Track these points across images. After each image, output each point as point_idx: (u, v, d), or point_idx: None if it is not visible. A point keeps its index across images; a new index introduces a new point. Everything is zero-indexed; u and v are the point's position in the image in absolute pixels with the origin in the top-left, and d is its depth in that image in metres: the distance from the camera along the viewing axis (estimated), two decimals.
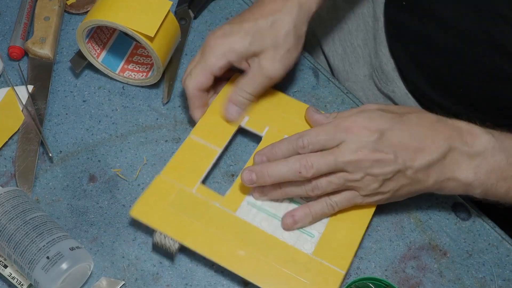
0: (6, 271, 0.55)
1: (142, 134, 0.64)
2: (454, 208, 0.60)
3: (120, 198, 0.60)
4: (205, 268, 0.56)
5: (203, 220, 0.55)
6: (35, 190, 0.60)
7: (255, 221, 0.56)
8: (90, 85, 0.68)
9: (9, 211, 0.53)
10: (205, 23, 0.73)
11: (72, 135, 0.64)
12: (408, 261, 0.57)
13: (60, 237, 0.53)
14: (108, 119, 0.65)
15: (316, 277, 0.53)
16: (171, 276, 0.56)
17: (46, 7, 0.70)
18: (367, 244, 0.58)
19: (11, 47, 0.68)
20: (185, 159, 0.59)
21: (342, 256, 0.54)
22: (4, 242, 0.52)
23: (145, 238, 0.58)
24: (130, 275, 0.56)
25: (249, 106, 0.62)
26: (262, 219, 0.56)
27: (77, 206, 0.60)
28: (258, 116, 0.62)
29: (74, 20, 0.73)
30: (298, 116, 0.62)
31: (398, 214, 0.60)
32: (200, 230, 0.55)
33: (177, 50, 0.68)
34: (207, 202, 0.56)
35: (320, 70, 0.69)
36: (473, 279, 0.56)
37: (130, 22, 0.59)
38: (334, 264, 0.53)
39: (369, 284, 0.53)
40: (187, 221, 0.55)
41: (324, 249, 0.54)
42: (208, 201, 0.57)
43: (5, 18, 0.73)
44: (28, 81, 0.67)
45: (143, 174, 0.61)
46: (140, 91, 0.67)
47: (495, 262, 0.57)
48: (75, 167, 0.62)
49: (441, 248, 0.58)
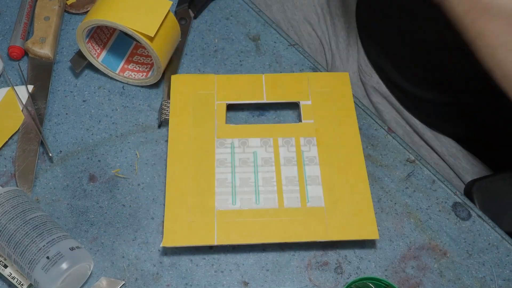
0: (6, 271, 0.55)
1: (142, 134, 0.64)
2: (454, 208, 0.60)
3: (120, 198, 0.60)
4: (205, 268, 0.56)
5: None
6: (35, 190, 0.60)
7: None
8: (90, 85, 0.68)
9: (9, 211, 0.53)
10: (205, 23, 0.73)
11: (72, 135, 0.64)
12: (408, 261, 0.57)
13: (60, 237, 0.53)
14: (108, 119, 0.65)
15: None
16: (171, 276, 0.56)
17: (46, 7, 0.70)
18: (367, 244, 0.58)
19: (11, 47, 0.68)
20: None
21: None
22: (4, 242, 0.52)
23: (145, 238, 0.58)
24: (130, 275, 0.56)
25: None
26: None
27: (77, 206, 0.60)
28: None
29: (74, 20, 0.73)
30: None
31: (398, 214, 0.60)
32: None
33: (177, 50, 0.68)
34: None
35: (320, 70, 0.69)
36: (473, 279, 0.56)
37: (130, 22, 0.59)
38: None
39: (369, 284, 0.53)
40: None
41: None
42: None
43: (5, 18, 0.73)
44: (28, 81, 0.67)
45: (143, 174, 0.62)
46: (140, 91, 0.67)
47: (495, 262, 0.57)
48: (75, 167, 0.62)
49: (441, 248, 0.58)
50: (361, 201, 0.58)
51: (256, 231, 0.56)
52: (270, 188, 0.59)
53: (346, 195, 0.58)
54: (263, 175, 0.60)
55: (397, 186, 0.61)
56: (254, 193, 0.58)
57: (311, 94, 0.65)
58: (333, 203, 0.58)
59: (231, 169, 0.60)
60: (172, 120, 0.63)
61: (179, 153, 0.61)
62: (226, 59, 0.70)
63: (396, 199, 0.61)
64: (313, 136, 0.62)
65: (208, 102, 0.64)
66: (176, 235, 0.56)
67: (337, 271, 0.56)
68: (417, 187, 0.61)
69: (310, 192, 0.59)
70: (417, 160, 0.63)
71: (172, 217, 0.57)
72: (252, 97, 0.65)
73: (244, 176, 0.59)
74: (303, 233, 0.56)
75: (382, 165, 0.63)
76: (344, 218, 0.57)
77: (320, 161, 0.60)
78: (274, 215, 0.57)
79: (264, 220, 0.57)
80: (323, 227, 0.56)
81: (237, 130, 0.62)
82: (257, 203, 0.58)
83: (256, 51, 0.71)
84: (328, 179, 0.59)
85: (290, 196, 0.58)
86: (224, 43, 0.71)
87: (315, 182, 0.59)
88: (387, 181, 0.62)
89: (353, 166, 0.60)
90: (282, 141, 0.62)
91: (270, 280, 0.56)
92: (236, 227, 0.56)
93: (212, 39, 0.71)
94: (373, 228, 0.56)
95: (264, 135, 0.62)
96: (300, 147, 0.61)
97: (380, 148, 0.63)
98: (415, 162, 0.63)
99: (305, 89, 0.65)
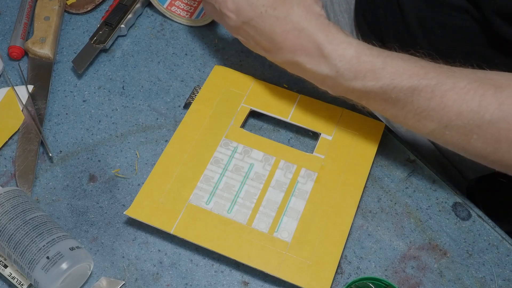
0: (6, 271, 0.55)
1: (142, 134, 0.64)
2: (454, 208, 0.60)
3: (120, 198, 0.60)
4: (205, 268, 0.56)
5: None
6: (35, 190, 0.60)
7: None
8: (90, 85, 0.68)
9: (9, 211, 0.53)
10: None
11: (72, 135, 0.64)
12: (408, 261, 0.57)
13: (60, 237, 0.53)
14: (108, 119, 0.65)
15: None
16: (171, 276, 0.56)
17: (46, 7, 0.70)
18: (367, 244, 0.58)
19: (11, 47, 0.68)
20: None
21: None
22: (4, 242, 0.52)
23: (145, 238, 0.58)
24: (130, 275, 0.56)
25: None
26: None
27: (77, 206, 0.60)
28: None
29: (74, 20, 0.73)
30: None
31: (398, 214, 0.60)
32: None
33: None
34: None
35: None
36: (473, 279, 0.56)
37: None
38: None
39: (369, 284, 0.53)
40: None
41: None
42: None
43: (5, 18, 0.73)
44: (28, 81, 0.67)
45: (143, 174, 0.62)
46: (140, 91, 0.67)
47: (495, 262, 0.57)
48: (75, 167, 0.62)
49: (441, 248, 0.58)
50: (329, 254, 0.55)
51: (213, 237, 0.55)
52: (247, 203, 0.58)
53: (317, 241, 0.55)
54: (248, 188, 0.59)
55: (397, 186, 0.61)
56: (231, 201, 0.58)
57: (336, 130, 0.62)
58: (300, 243, 0.55)
59: (222, 170, 0.60)
60: (193, 105, 0.63)
61: (183, 138, 0.61)
62: (226, 59, 0.70)
63: (396, 199, 0.61)
64: (316, 171, 0.60)
65: (235, 102, 0.64)
66: (142, 209, 0.57)
67: (337, 271, 0.56)
68: (417, 187, 0.61)
69: (283, 223, 0.56)
70: (417, 160, 0.63)
71: (147, 192, 0.58)
72: (278, 112, 0.63)
73: (230, 182, 0.59)
74: (256, 258, 0.54)
75: (382, 165, 0.63)
76: (302, 262, 0.54)
77: (309, 198, 0.58)
78: (237, 229, 0.56)
79: (226, 231, 0.56)
80: (278, 262, 0.54)
81: (246, 137, 0.62)
82: (228, 212, 0.57)
83: None
84: (308, 218, 0.57)
85: (262, 218, 0.57)
86: (224, 43, 0.71)
87: (293, 215, 0.57)
88: (387, 181, 0.62)
89: (339, 217, 0.57)
90: (283, 164, 0.60)
91: (270, 280, 0.56)
92: (197, 225, 0.56)
93: (212, 39, 0.72)
94: (327, 285, 0.53)
95: (268, 152, 0.61)
96: (297, 177, 0.59)
97: (380, 148, 0.63)
98: (415, 162, 0.63)
99: (332, 123, 0.63)
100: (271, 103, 0.64)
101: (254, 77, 0.66)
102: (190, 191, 0.58)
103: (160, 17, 0.74)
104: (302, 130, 0.64)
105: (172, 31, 0.72)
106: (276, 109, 0.64)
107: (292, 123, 0.63)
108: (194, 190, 0.58)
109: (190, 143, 0.61)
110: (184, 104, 0.66)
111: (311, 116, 0.63)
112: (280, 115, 0.63)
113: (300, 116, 0.63)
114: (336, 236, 0.56)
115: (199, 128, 0.62)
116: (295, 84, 0.68)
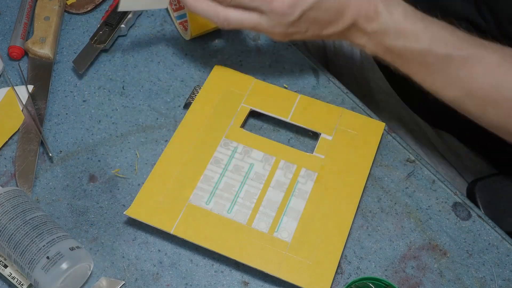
0: (6, 271, 0.55)
1: (142, 134, 0.64)
2: (454, 208, 0.60)
3: (120, 198, 0.60)
4: (205, 268, 0.56)
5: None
6: (35, 190, 0.60)
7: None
8: (90, 85, 0.68)
9: (9, 211, 0.53)
10: None
11: (72, 135, 0.64)
12: (408, 261, 0.57)
13: (60, 237, 0.53)
14: (108, 119, 0.65)
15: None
16: (171, 276, 0.56)
17: (46, 7, 0.70)
18: (367, 244, 0.58)
19: (11, 47, 0.68)
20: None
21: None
22: (4, 242, 0.52)
23: (145, 238, 0.58)
24: (130, 275, 0.56)
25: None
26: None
27: (77, 206, 0.60)
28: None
29: (74, 20, 0.73)
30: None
31: (398, 214, 0.60)
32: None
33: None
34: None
35: (321, 70, 0.69)
36: (473, 279, 0.56)
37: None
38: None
39: (369, 284, 0.53)
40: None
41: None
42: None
43: (5, 18, 0.73)
44: (28, 81, 0.67)
45: (143, 174, 0.62)
46: (140, 91, 0.67)
47: (495, 262, 0.57)
48: (75, 167, 0.62)
49: (441, 248, 0.58)
50: (330, 253, 0.55)
51: (213, 237, 0.55)
52: (247, 203, 0.58)
53: (317, 241, 0.55)
54: (248, 188, 0.58)
55: (397, 186, 0.61)
56: (231, 201, 0.58)
57: (336, 130, 0.62)
58: (300, 243, 0.55)
59: (222, 171, 0.60)
60: (193, 105, 0.63)
61: (183, 138, 0.61)
62: (226, 59, 0.70)
63: (396, 199, 0.61)
64: (316, 171, 0.60)
65: (235, 101, 0.64)
66: (142, 209, 0.57)
67: (337, 271, 0.56)
68: (417, 187, 0.61)
69: (283, 223, 0.56)
70: (417, 160, 0.63)
71: (147, 192, 0.58)
72: (278, 112, 0.63)
73: (230, 182, 0.59)
74: (256, 258, 0.54)
75: (382, 165, 0.63)
76: (302, 262, 0.54)
77: (309, 198, 0.58)
78: (237, 229, 0.56)
79: (226, 231, 0.56)
80: (278, 262, 0.54)
81: (246, 137, 0.62)
82: (228, 212, 0.57)
83: (256, 51, 0.71)
84: (308, 218, 0.57)
85: (262, 218, 0.57)
86: (224, 43, 0.71)
87: (293, 215, 0.57)
88: (387, 181, 0.62)
89: (339, 216, 0.57)
90: (283, 164, 0.60)
91: (270, 280, 0.56)
92: (197, 225, 0.56)
93: (212, 38, 0.72)
94: (327, 285, 0.53)
95: (268, 152, 0.61)
96: (297, 177, 0.59)
97: (380, 148, 0.63)
98: (415, 162, 0.63)
99: (332, 123, 0.63)
100: (271, 103, 0.64)
101: (254, 77, 0.66)
102: (190, 191, 0.58)
103: (160, 17, 0.74)
104: (302, 130, 0.64)
105: (172, 31, 0.72)
106: (276, 109, 0.64)
107: (292, 123, 0.63)
108: (194, 190, 0.58)
109: (190, 143, 0.61)
110: (184, 104, 0.66)
111: (311, 116, 0.63)
112: (280, 115, 0.63)
113: (300, 116, 0.63)
114: (336, 236, 0.56)
115: (199, 128, 0.62)
116: (295, 84, 0.68)
